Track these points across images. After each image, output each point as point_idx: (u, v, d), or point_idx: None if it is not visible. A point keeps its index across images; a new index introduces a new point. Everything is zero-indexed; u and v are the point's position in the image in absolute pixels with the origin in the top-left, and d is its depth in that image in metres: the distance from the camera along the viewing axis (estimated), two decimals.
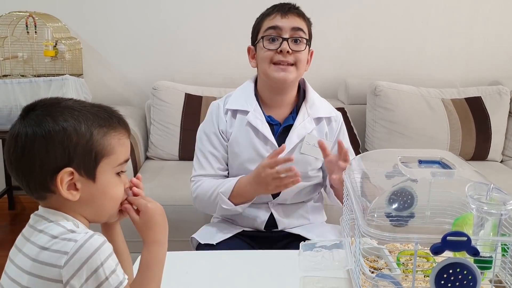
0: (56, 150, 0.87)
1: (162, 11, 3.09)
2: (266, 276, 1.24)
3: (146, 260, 0.97)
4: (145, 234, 0.98)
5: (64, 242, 0.85)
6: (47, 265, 0.85)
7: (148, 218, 0.98)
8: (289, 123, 1.61)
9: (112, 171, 0.94)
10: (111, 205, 0.97)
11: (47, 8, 2.95)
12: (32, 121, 0.88)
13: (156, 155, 2.80)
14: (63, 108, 0.90)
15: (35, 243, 0.88)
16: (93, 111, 0.92)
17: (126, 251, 1.04)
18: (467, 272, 0.88)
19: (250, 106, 1.60)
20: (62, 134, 0.87)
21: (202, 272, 1.27)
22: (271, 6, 1.60)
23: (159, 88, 2.78)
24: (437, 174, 1.06)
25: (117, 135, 0.94)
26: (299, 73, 1.57)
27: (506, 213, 0.93)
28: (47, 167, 0.88)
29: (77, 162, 0.89)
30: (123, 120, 0.97)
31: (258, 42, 1.57)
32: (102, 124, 0.92)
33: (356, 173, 1.21)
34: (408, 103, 2.79)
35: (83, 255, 0.83)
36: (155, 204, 0.99)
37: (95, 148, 0.90)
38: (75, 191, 0.90)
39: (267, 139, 1.58)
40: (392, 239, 0.92)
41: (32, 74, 2.93)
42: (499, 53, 3.28)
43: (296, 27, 1.53)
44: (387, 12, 3.17)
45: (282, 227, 1.62)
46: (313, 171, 1.63)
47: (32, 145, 0.87)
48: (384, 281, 1.00)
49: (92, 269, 0.84)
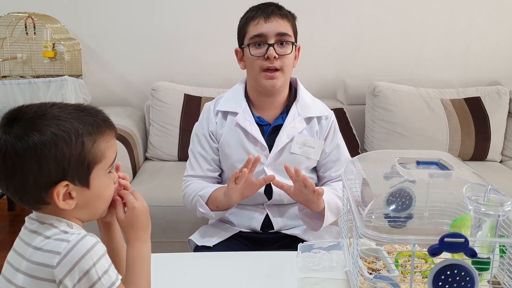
0: (50, 166, 0.87)
1: (161, 12, 3.09)
2: (264, 277, 1.24)
3: (131, 257, 0.98)
4: (128, 232, 0.99)
5: (57, 242, 0.86)
6: (40, 265, 0.86)
7: (133, 218, 0.99)
8: (278, 123, 1.61)
9: (104, 173, 0.95)
10: (104, 205, 0.98)
11: (46, 9, 2.95)
12: (19, 136, 0.86)
13: (155, 156, 2.80)
14: (49, 119, 0.88)
15: (29, 243, 0.89)
16: (79, 117, 0.91)
17: (123, 249, 1.04)
18: (464, 274, 0.88)
19: (239, 107, 1.61)
20: (54, 150, 0.86)
21: (200, 274, 1.27)
22: (254, 6, 1.59)
23: (158, 89, 2.78)
24: (435, 175, 1.06)
25: (105, 138, 0.94)
26: (286, 76, 1.58)
27: (503, 214, 0.93)
28: (41, 182, 0.88)
29: (71, 174, 0.89)
30: (108, 120, 0.97)
31: (245, 47, 1.58)
32: (90, 131, 0.91)
33: (354, 174, 1.21)
34: (407, 104, 2.79)
35: (75, 256, 0.84)
36: (141, 204, 1.00)
37: (87, 158, 0.90)
38: (70, 200, 0.90)
39: (256, 140, 1.58)
40: (390, 240, 0.93)
41: (31, 75, 2.93)
42: (498, 53, 3.28)
43: (280, 33, 1.53)
44: (386, 12, 3.17)
45: (277, 228, 1.62)
46: (306, 171, 1.64)
47: (24, 163, 0.86)
48: (382, 282, 1.00)
49: (84, 270, 0.84)
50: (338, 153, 1.65)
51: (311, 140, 1.61)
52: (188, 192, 1.63)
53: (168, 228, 2.25)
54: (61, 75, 2.80)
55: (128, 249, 0.99)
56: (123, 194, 1.00)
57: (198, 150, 1.65)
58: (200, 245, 1.59)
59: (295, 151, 1.59)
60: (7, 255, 0.94)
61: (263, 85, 1.55)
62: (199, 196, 1.56)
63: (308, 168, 1.64)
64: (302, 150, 1.59)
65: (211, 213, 1.56)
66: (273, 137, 1.60)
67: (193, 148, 1.67)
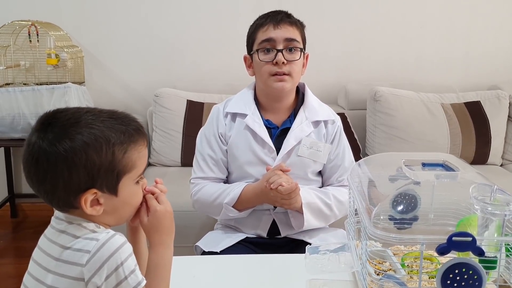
0: (80, 174, 0.88)
1: (163, 19, 3.11)
2: (272, 280, 1.25)
3: (154, 261, 0.98)
4: (151, 236, 0.99)
5: (86, 241, 0.87)
6: (70, 263, 0.87)
7: (156, 221, 0.99)
8: (286, 126, 1.63)
9: (132, 182, 0.95)
10: (131, 211, 0.99)
11: (49, 17, 2.98)
12: (51, 142, 0.87)
13: (158, 162, 2.81)
14: (82, 127, 0.89)
15: (58, 243, 0.90)
16: (111, 125, 0.91)
17: (146, 253, 1.05)
18: (472, 272, 0.89)
19: (248, 109, 1.63)
20: (84, 158, 0.87)
21: (209, 276, 1.28)
22: (264, 14, 1.62)
23: (161, 95, 2.80)
24: (441, 176, 1.07)
25: (137, 147, 0.94)
26: (295, 81, 1.60)
27: (510, 214, 0.94)
28: (71, 188, 0.89)
29: (100, 182, 0.90)
30: (141, 129, 0.97)
31: (254, 53, 1.60)
32: (122, 140, 0.91)
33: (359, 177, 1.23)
34: (408, 108, 2.80)
35: (104, 254, 0.85)
36: (164, 208, 1.00)
37: (117, 167, 0.91)
38: (98, 206, 0.91)
39: (264, 142, 1.60)
40: (399, 240, 0.94)
41: (34, 82, 2.94)
42: (498, 58, 3.30)
43: (289, 38, 1.56)
44: (386, 18, 3.20)
45: (285, 234, 1.63)
46: (313, 174, 1.65)
47: (55, 169, 0.87)
48: (390, 282, 1.02)
49: (113, 268, 0.85)
50: (343, 158, 1.67)
51: (318, 143, 1.62)
52: (203, 196, 1.63)
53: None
54: (64, 82, 2.82)
55: (151, 253, 0.99)
56: (146, 198, 1.00)
57: (207, 151, 1.65)
58: (207, 251, 1.60)
59: (303, 153, 1.61)
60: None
61: (273, 88, 1.57)
62: (226, 204, 1.58)
63: (315, 172, 1.66)
64: (310, 153, 1.61)
65: (241, 214, 1.59)
66: (281, 140, 1.61)
67: (202, 149, 1.67)
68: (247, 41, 1.65)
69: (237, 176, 1.65)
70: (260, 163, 1.60)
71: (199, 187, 1.65)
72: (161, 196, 1.01)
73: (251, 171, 1.61)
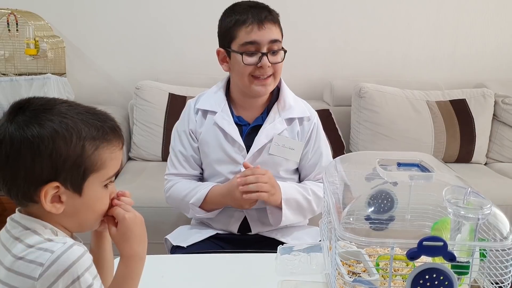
0: (43, 163, 0.82)
1: (147, 10, 3.06)
2: (243, 280, 1.22)
3: (122, 274, 0.93)
4: (121, 246, 0.93)
5: (40, 252, 0.81)
6: (22, 275, 0.80)
7: (126, 230, 0.92)
8: (258, 123, 1.58)
9: (100, 184, 0.89)
10: (94, 217, 0.92)
11: (29, 6, 2.90)
12: (19, 126, 0.82)
13: (138, 156, 2.76)
14: (55, 114, 0.84)
15: (11, 251, 0.84)
16: (86, 119, 0.86)
17: (111, 259, 1.01)
18: (443, 278, 0.87)
19: (218, 106, 1.58)
20: (51, 147, 0.82)
21: (178, 276, 1.25)
22: (243, 7, 1.53)
23: (142, 88, 2.75)
24: (415, 177, 1.04)
25: (110, 147, 0.89)
26: (276, 81, 1.56)
27: (483, 218, 0.91)
28: (32, 178, 0.83)
29: (64, 176, 0.84)
30: (117, 128, 0.92)
31: (234, 52, 1.52)
32: (94, 136, 0.86)
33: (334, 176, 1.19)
34: (392, 105, 2.78)
35: (59, 268, 0.79)
36: (133, 215, 0.94)
37: (84, 163, 0.85)
38: (59, 204, 0.86)
39: (234, 140, 1.56)
40: (368, 243, 0.91)
41: (14, 73, 2.87)
42: (484, 56, 3.29)
43: (273, 40, 1.49)
44: (372, 14, 3.17)
45: (256, 231, 1.60)
46: (286, 172, 1.61)
47: (18, 154, 0.82)
48: (361, 286, 0.99)
49: (68, 283, 0.79)
50: (320, 156, 1.62)
51: (290, 141, 1.58)
52: (174, 193, 1.61)
53: (149, 229, 2.21)
54: (44, 73, 2.76)
55: (120, 265, 0.93)
56: (110, 210, 0.94)
57: (179, 148, 1.62)
58: (175, 244, 1.57)
59: (274, 152, 1.56)
60: None
61: (255, 91, 1.52)
62: (192, 204, 1.55)
63: (288, 170, 1.62)
64: (281, 151, 1.56)
65: (208, 214, 1.56)
66: (252, 137, 1.57)
67: (174, 146, 1.64)
68: (223, 33, 1.58)
69: (209, 174, 1.62)
70: (230, 161, 1.56)
71: (171, 183, 1.62)
72: (126, 206, 0.94)
73: (221, 169, 1.57)
